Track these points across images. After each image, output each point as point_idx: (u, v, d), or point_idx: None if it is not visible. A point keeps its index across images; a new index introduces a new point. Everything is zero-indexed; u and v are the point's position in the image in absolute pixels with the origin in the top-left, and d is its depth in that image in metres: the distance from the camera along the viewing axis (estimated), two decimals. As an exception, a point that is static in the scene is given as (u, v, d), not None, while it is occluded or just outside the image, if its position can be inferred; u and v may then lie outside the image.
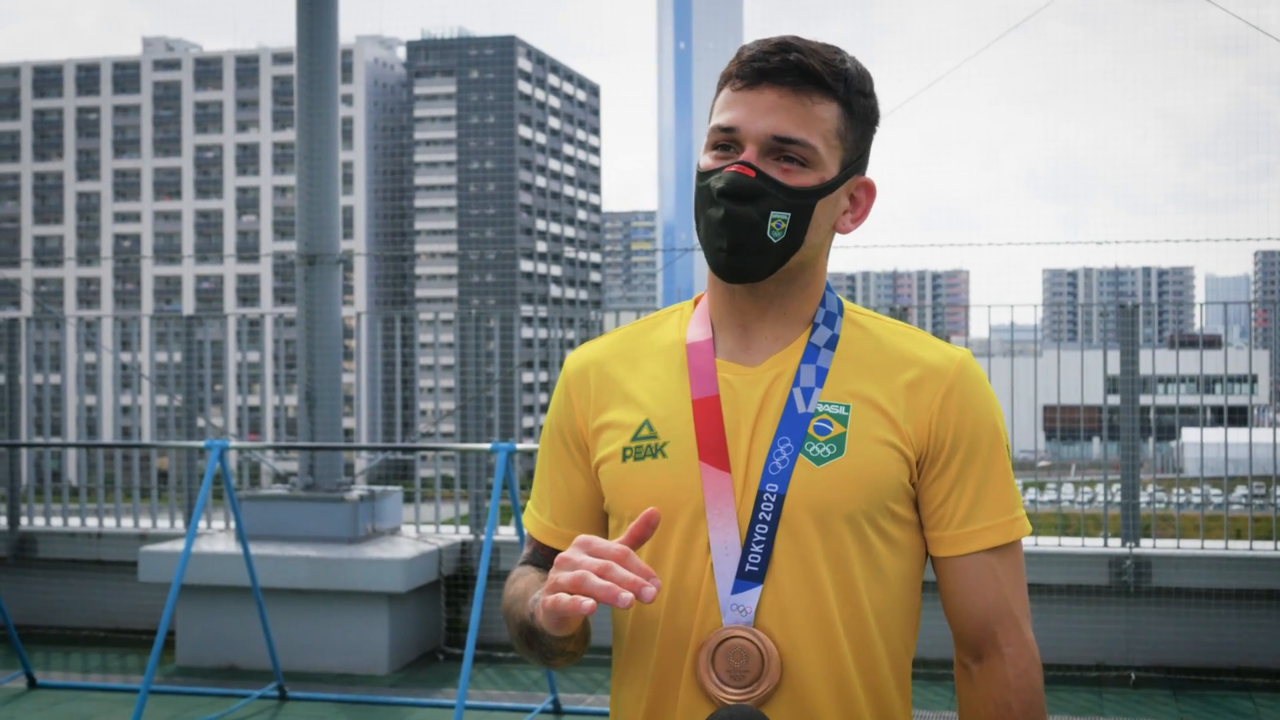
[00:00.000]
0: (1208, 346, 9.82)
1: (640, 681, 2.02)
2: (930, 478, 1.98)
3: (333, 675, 8.26)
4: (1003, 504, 1.98)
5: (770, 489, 1.93)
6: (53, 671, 8.52)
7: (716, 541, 1.93)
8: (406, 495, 9.53)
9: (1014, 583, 1.99)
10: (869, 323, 2.06)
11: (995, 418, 2.01)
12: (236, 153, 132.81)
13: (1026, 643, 1.98)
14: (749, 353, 2.01)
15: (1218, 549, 8.37)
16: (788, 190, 1.93)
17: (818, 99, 1.94)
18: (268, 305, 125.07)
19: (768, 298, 2.01)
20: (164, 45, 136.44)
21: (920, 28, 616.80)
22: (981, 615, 1.98)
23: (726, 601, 1.92)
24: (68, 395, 10.88)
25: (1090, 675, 8.08)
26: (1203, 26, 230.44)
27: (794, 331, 2.02)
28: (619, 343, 2.13)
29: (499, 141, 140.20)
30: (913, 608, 2.03)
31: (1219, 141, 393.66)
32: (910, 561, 2.00)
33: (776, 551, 1.92)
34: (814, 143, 1.93)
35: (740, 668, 1.90)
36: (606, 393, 2.07)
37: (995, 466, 1.99)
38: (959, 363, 2.00)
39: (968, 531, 1.97)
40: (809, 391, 1.97)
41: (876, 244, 18.38)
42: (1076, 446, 18.57)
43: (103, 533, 9.79)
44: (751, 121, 1.93)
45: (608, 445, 2.04)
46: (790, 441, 1.94)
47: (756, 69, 1.94)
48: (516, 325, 10.01)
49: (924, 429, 1.97)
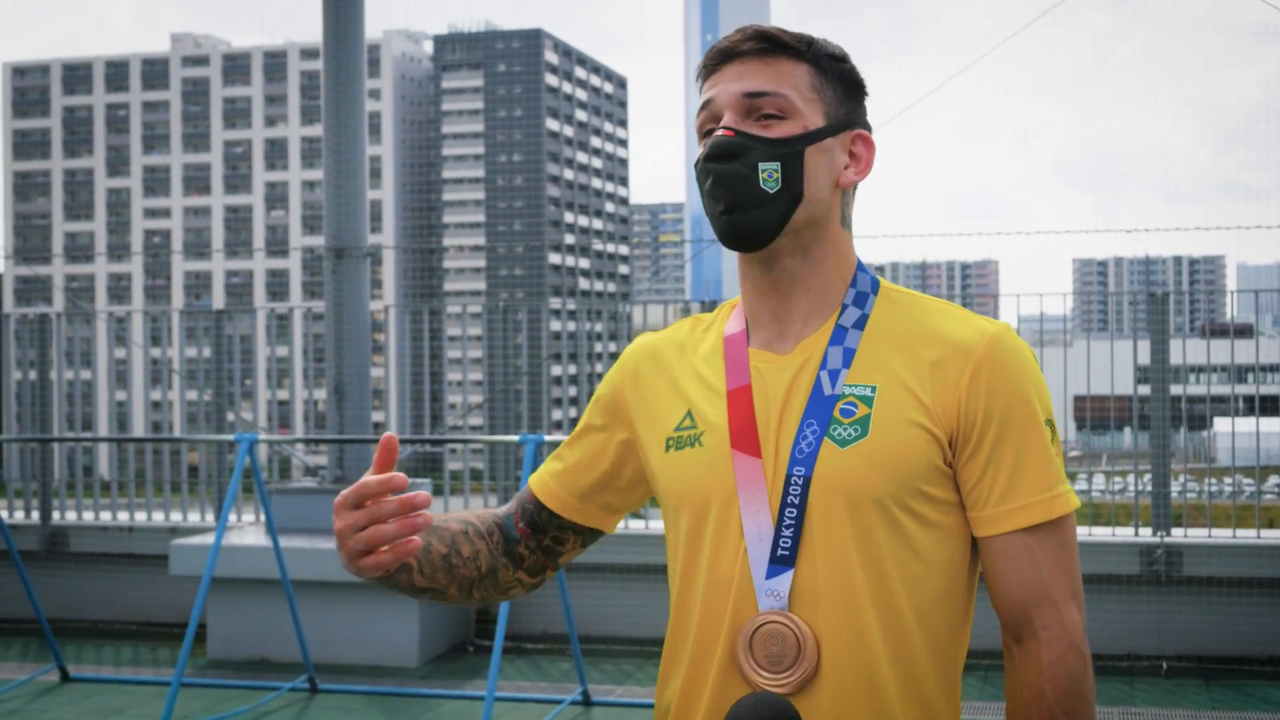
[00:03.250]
0: (1239, 335, 9.75)
1: (679, 667, 2.02)
2: (965, 457, 1.94)
3: (363, 667, 8.28)
4: (1041, 481, 1.93)
5: (797, 472, 1.92)
6: (85, 665, 8.57)
7: (750, 527, 1.93)
8: (436, 488, 9.55)
9: (1055, 563, 1.93)
10: (904, 300, 2.04)
11: (1031, 392, 1.95)
12: (265, 148, 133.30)
13: (1066, 626, 1.91)
14: (781, 340, 2.02)
15: (1250, 538, 8.32)
16: (769, 141, 1.97)
17: (784, 60, 2.00)
18: (297, 299, 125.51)
19: (789, 276, 2.01)
20: (193, 41, 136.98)
21: (952, 18, 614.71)
22: (1020, 598, 1.93)
23: (761, 586, 1.92)
24: (99, 390, 10.94)
25: (1122, 665, 8.04)
26: (1238, 14, 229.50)
27: (823, 314, 2.01)
28: (676, 336, 2.16)
29: (526, 135, 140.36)
30: (960, 594, 1.98)
31: (1254, 129, 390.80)
32: (954, 545, 1.96)
33: (806, 535, 1.91)
34: (784, 91, 1.98)
35: (777, 653, 1.90)
36: (655, 382, 2.12)
37: (1031, 442, 1.93)
38: (991, 336, 1.96)
39: (1004, 511, 1.92)
40: (835, 374, 1.96)
41: (905, 234, 18.45)
42: (1107, 436, 18.48)
43: (134, 526, 9.84)
44: (723, 91, 2.00)
45: (651, 436, 2.09)
46: (816, 424, 1.94)
47: (720, 51, 2.03)
48: (544, 318, 10.02)
49: (952, 408, 1.93)
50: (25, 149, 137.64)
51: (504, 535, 2.19)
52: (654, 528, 8.35)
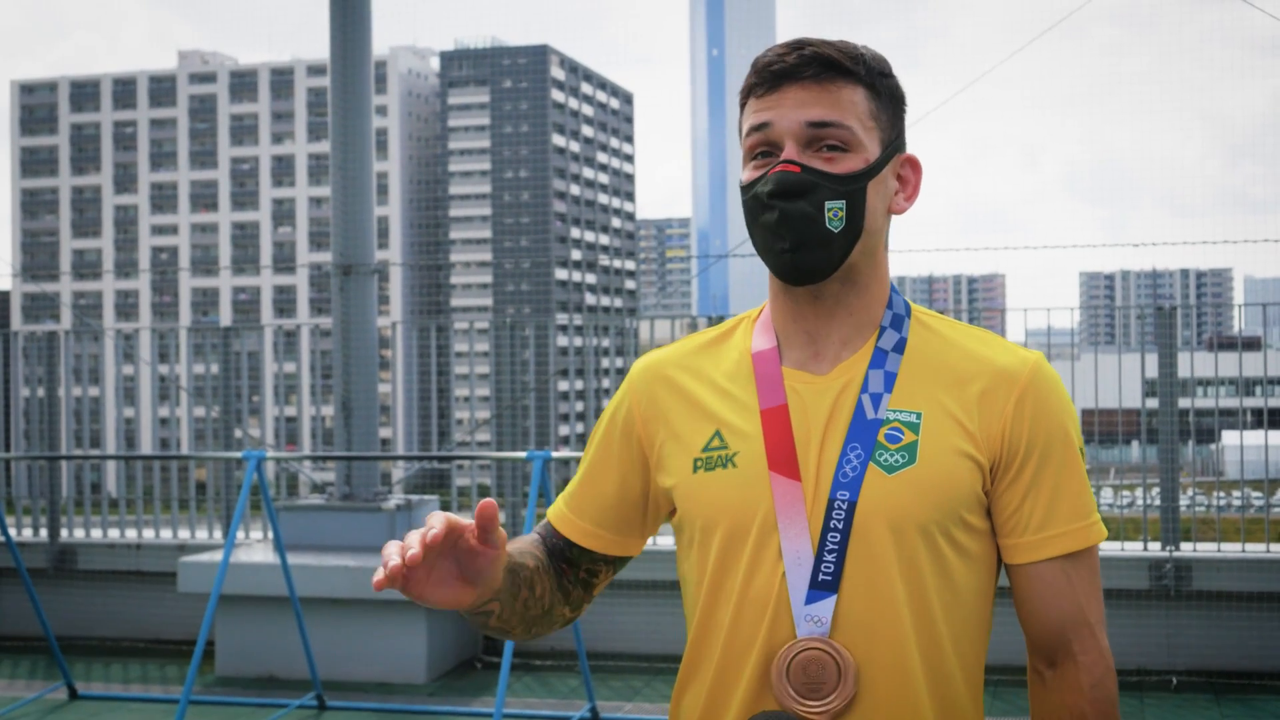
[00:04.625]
0: (1247, 348, 9.74)
1: (700, 687, 2.00)
2: (1004, 484, 1.94)
3: (371, 685, 8.27)
4: (1078, 510, 1.94)
5: (841, 496, 1.90)
6: (93, 682, 8.57)
7: (789, 551, 1.90)
8: (443, 504, 9.55)
9: (1089, 589, 1.95)
10: (939, 325, 2.03)
11: (1068, 421, 1.97)
12: (272, 164, 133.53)
13: (1103, 651, 1.95)
14: (817, 361, 1.99)
15: (1259, 552, 8.30)
16: (836, 178, 1.92)
17: (842, 84, 1.94)
18: (304, 316, 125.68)
19: (833, 299, 1.98)
20: (200, 59, 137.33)
21: (962, 32, 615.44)
22: (1057, 623, 1.94)
23: (800, 612, 1.90)
24: (106, 407, 10.95)
25: (1131, 679, 8.02)
26: (1246, 28, 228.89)
27: (862, 337, 1.99)
28: (687, 353, 2.10)
29: (533, 150, 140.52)
30: (985, 621, 1.99)
31: (1262, 142, 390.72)
32: (983, 573, 1.97)
33: (850, 561, 1.89)
34: (850, 123, 1.93)
35: (817, 679, 1.88)
36: (671, 401, 2.06)
37: (1069, 471, 1.95)
38: (1032, 365, 1.97)
39: (1042, 538, 1.93)
40: (877, 397, 1.94)
41: (912, 249, 18.47)
42: (1115, 450, 18.45)
43: (142, 544, 9.85)
44: (783, 117, 1.93)
45: (674, 457, 2.03)
46: (860, 449, 1.91)
47: (775, 72, 1.94)
48: (552, 333, 10.03)
49: (997, 435, 1.93)
50: (33, 166, 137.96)
51: (555, 570, 2.14)
52: (662, 544, 8.33)
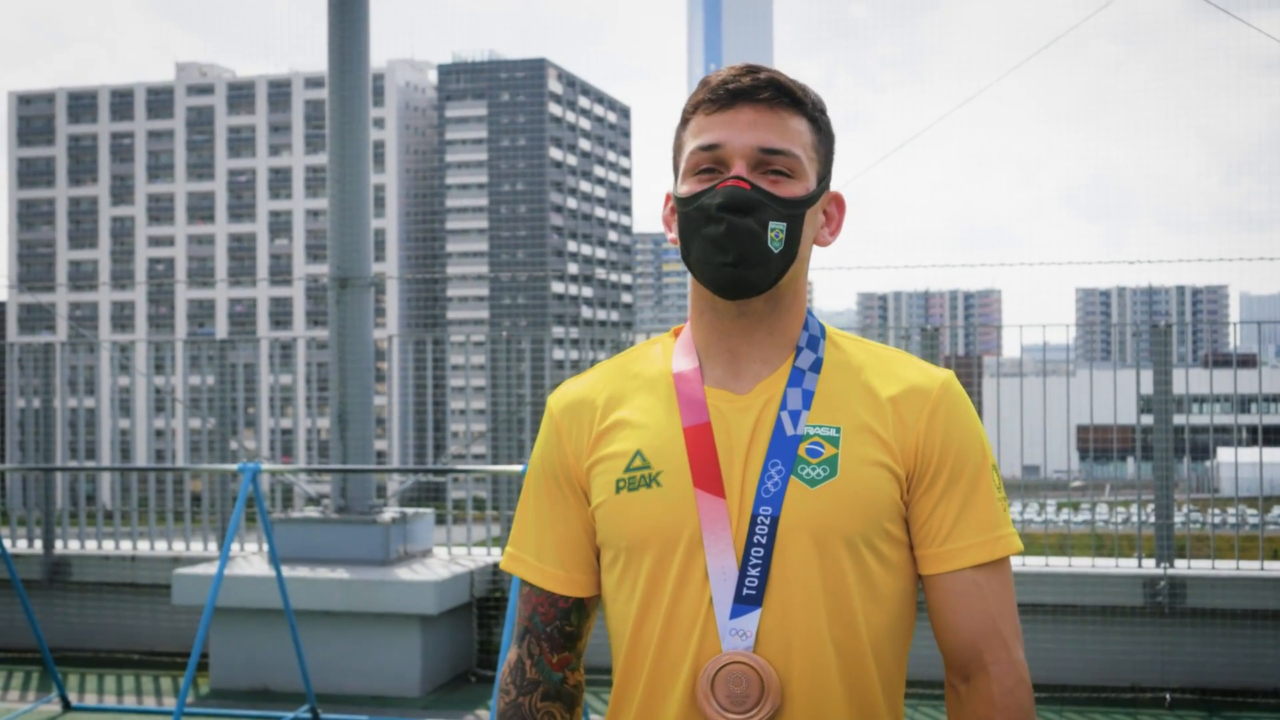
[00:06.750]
0: (1242, 365, 9.75)
1: (630, 705, 2.02)
2: (918, 495, 1.99)
3: (365, 697, 8.26)
4: (988, 521, 1.99)
5: (764, 512, 1.94)
6: (87, 694, 8.55)
7: (714, 567, 1.94)
8: (438, 517, 9.54)
9: (1002, 602, 1.99)
10: (853, 345, 2.09)
11: (980, 436, 2.03)
12: (269, 176, 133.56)
13: (1014, 662, 1.97)
14: (738, 380, 2.03)
15: (1253, 569, 8.30)
16: (782, 201, 1.97)
17: (791, 114, 2.00)
18: (300, 328, 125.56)
19: (756, 317, 2.02)
20: (197, 70, 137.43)
21: (962, 48, 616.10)
22: (969, 634, 1.98)
23: (725, 627, 1.93)
24: (102, 419, 10.95)
25: (1125, 697, 8.02)
26: (1244, 46, 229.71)
27: (780, 356, 2.04)
28: (603, 378, 2.13)
29: (530, 164, 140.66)
30: (907, 628, 2.03)
31: (1260, 160, 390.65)
32: (905, 581, 2.01)
33: (773, 575, 1.93)
34: (797, 153, 1.99)
35: (741, 693, 1.91)
36: (596, 428, 2.07)
37: (980, 484, 2.00)
38: (942, 382, 2.03)
39: (952, 549, 1.98)
40: (796, 414, 1.99)
41: (909, 264, 18.34)
42: (1110, 466, 18.46)
43: (136, 556, 9.83)
44: (736, 137, 1.98)
45: (601, 478, 2.04)
46: (781, 464, 1.95)
47: (730, 90, 1.99)
48: (548, 347, 10.03)
49: (911, 447, 1.99)
50: (30, 177, 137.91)
51: (559, 694, 2.13)
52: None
